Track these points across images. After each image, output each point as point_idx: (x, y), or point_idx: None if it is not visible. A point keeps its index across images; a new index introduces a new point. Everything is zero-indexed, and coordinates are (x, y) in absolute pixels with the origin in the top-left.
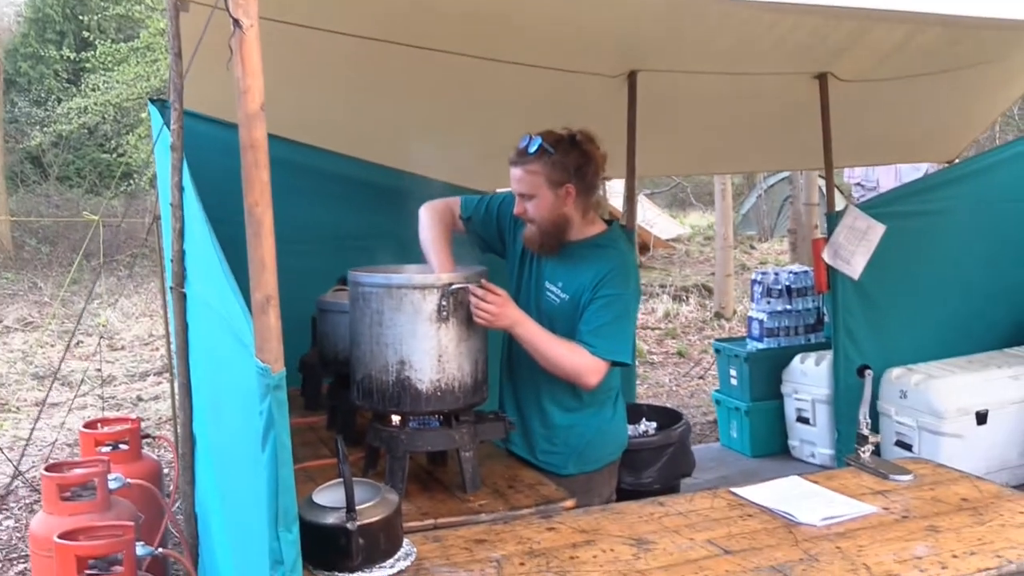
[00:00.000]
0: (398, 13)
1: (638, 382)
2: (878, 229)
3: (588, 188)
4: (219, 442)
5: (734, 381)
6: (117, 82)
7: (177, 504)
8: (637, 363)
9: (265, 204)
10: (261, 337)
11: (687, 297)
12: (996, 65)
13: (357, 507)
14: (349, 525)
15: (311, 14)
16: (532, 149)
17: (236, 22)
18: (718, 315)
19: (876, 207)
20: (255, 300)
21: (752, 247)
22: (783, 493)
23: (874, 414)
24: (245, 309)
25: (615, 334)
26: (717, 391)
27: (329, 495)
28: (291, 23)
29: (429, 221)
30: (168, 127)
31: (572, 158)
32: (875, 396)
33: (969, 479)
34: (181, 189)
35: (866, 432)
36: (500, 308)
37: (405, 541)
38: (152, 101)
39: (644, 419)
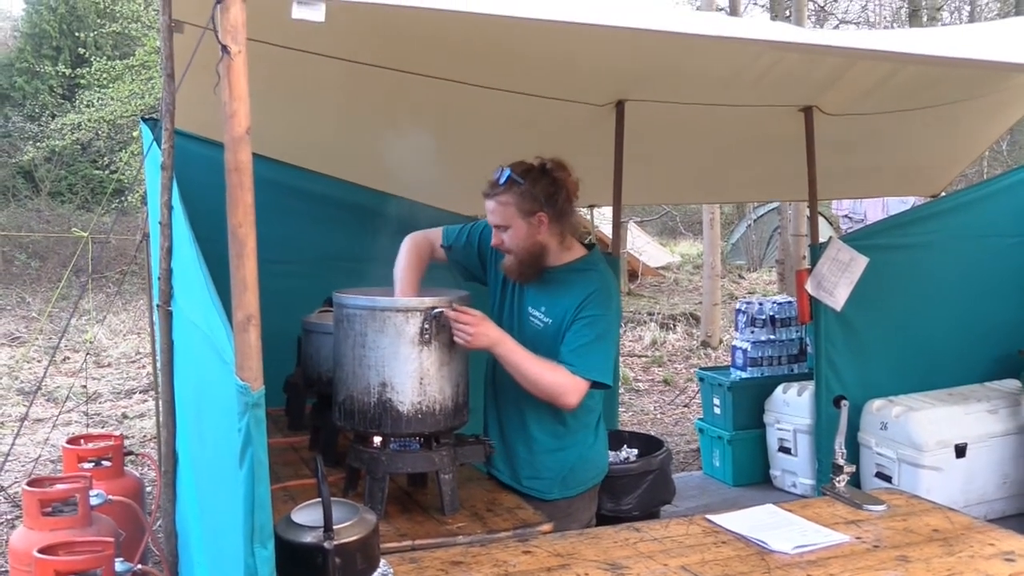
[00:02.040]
0: (389, 38)
1: (623, 409)
2: (861, 261)
3: (561, 214)
4: (200, 460)
5: (717, 410)
6: (112, 99)
7: (158, 522)
8: (622, 390)
9: (248, 225)
10: (241, 355)
11: (674, 325)
12: (980, 101)
13: (335, 526)
14: (326, 544)
15: (303, 37)
16: (502, 180)
17: (224, 48)
18: (704, 344)
19: (859, 239)
20: (236, 319)
21: (741, 276)
22: (758, 521)
23: (855, 445)
24: (227, 327)
25: (596, 354)
26: (700, 419)
27: (307, 514)
28: (284, 46)
29: (404, 252)
30: (159, 146)
31: (542, 187)
32: (856, 427)
33: (942, 510)
34: (170, 208)
35: (841, 462)
36: (476, 327)
37: (382, 561)
38: (144, 119)
39: (626, 445)
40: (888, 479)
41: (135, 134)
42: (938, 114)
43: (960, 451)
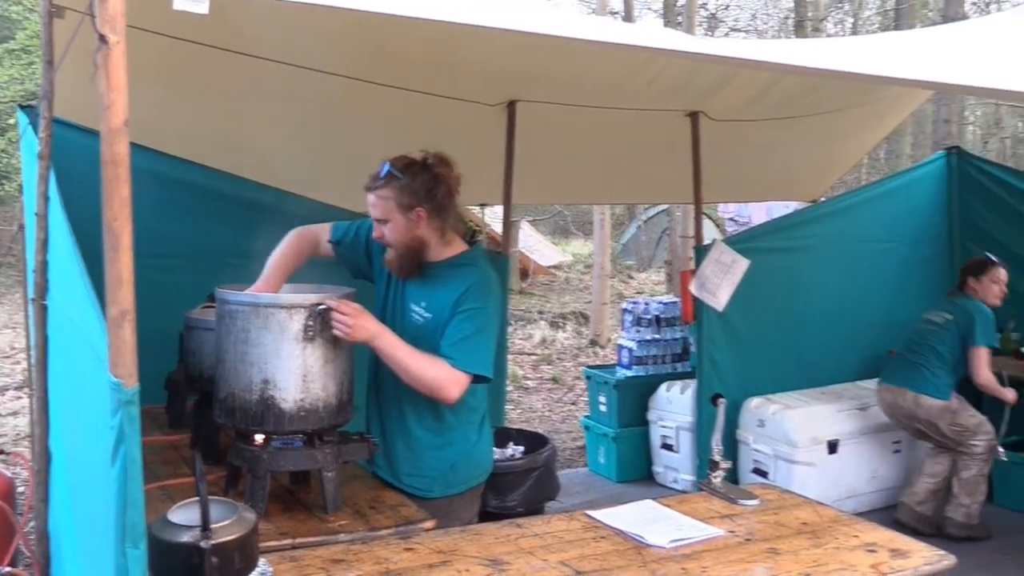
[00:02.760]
0: (279, 31)
1: (511, 407)
2: (742, 263)
3: (440, 210)
4: (74, 459)
5: (603, 407)
6: None
7: (30, 523)
8: (511, 388)
9: (124, 219)
10: (116, 352)
11: (564, 324)
12: (858, 110)
13: (212, 526)
14: (203, 544)
15: (190, 27)
16: (382, 174)
17: (102, 37)
18: (593, 342)
19: (742, 242)
20: (111, 315)
21: (630, 277)
22: (636, 516)
23: (734, 442)
24: (102, 323)
25: (476, 347)
26: (587, 417)
27: (185, 513)
28: (169, 35)
29: (280, 248)
30: (36, 134)
31: (421, 181)
32: (735, 424)
33: (811, 504)
34: (47, 199)
35: (718, 458)
36: (355, 319)
37: (261, 561)
38: (21, 107)
39: (512, 443)
40: (764, 475)
41: (12, 121)
42: (818, 122)
43: (832, 447)
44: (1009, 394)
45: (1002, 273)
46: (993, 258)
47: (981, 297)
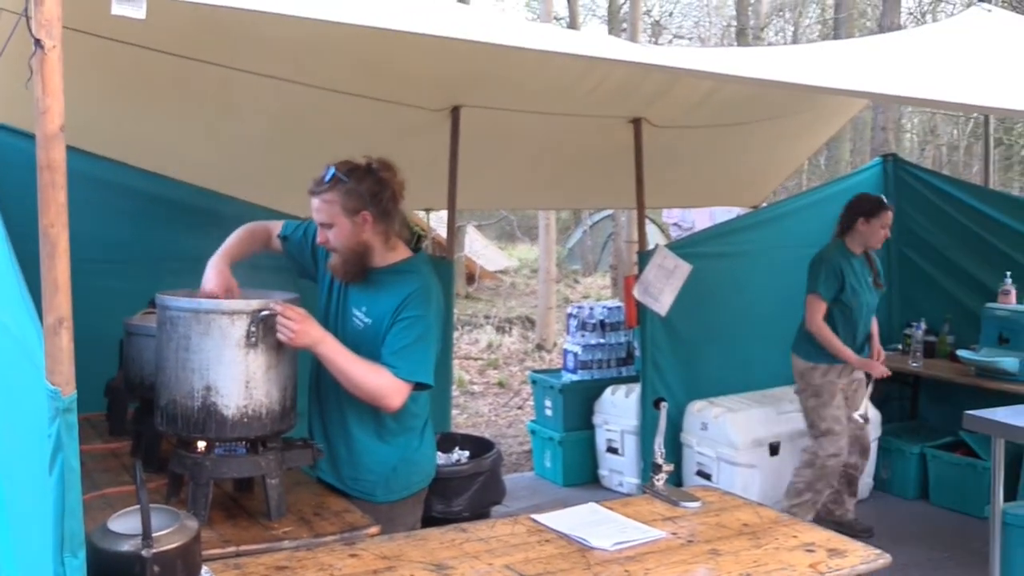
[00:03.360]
0: (219, 34)
1: (458, 411)
2: (685, 268)
3: (385, 214)
4: (9, 468)
5: (549, 412)
6: None
7: None
8: (457, 392)
9: (61, 226)
10: (52, 359)
11: (510, 328)
12: (797, 118)
13: (154, 534)
14: (144, 552)
15: (130, 30)
16: (327, 178)
17: (38, 42)
18: (539, 347)
19: (684, 247)
20: (47, 322)
21: (576, 281)
22: (580, 519)
23: (677, 444)
24: (39, 330)
25: (416, 355)
26: (533, 421)
27: (125, 522)
28: (108, 38)
29: (232, 235)
30: None
31: (366, 185)
32: (679, 427)
33: (751, 506)
34: None
35: (660, 461)
36: (299, 325)
37: (204, 569)
38: None
39: (457, 448)
40: (708, 477)
41: None
42: (759, 128)
43: (774, 449)
44: (847, 353)
45: (890, 216)
46: (885, 200)
47: (865, 240)
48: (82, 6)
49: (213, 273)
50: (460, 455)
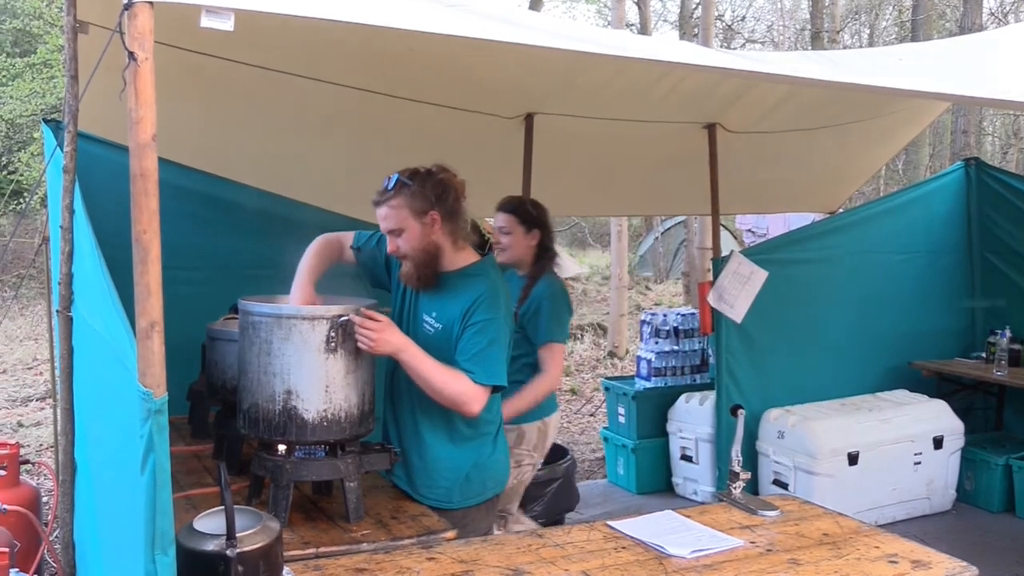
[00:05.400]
0: (301, 46)
1: None
2: (761, 275)
3: (452, 213)
4: (100, 468)
5: (622, 419)
6: (11, 98)
7: (55, 532)
8: None
9: (153, 232)
10: (144, 362)
11: (582, 335)
12: (876, 121)
13: (237, 534)
14: (228, 552)
15: (215, 43)
16: (390, 185)
17: (131, 54)
18: (611, 354)
19: (760, 254)
20: (140, 326)
21: (648, 288)
22: (657, 527)
23: (753, 453)
24: (130, 334)
25: (491, 358)
26: (606, 428)
27: (210, 522)
28: (195, 51)
29: (309, 251)
30: (61, 148)
31: (430, 187)
32: (754, 436)
33: (831, 515)
34: (72, 212)
35: (738, 469)
36: (380, 333)
37: (285, 569)
38: (46, 121)
39: None
40: (784, 486)
41: (35, 135)
42: (836, 133)
43: (853, 459)
44: None
45: None
46: None
47: None
48: (168, 20)
49: (298, 296)
50: None
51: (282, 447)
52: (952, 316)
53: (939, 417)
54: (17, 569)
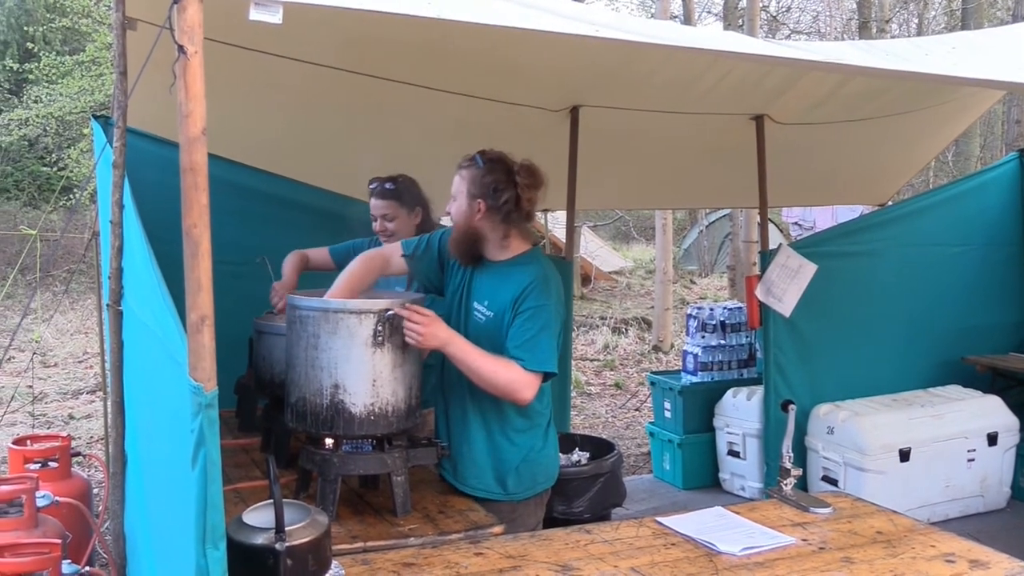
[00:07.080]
0: (348, 40)
1: (575, 412)
2: (809, 268)
3: (499, 210)
4: (150, 461)
5: (668, 414)
6: (60, 95)
7: (106, 523)
8: (574, 393)
9: (203, 226)
10: (195, 356)
11: (626, 329)
12: (926, 112)
13: (286, 528)
14: (277, 546)
15: (262, 38)
16: (471, 157)
17: (181, 48)
18: (656, 348)
19: (808, 247)
20: (190, 320)
21: (692, 282)
22: (706, 523)
23: (802, 449)
24: (180, 328)
25: (541, 346)
26: (651, 423)
27: (259, 516)
28: (242, 46)
29: (350, 266)
30: (111, 144)
31: (491, 178)
32: (803, 431)
33: (885, 513)
34: (121, 207)
35: (788, 465)
36: (427, 327)
37: (334, 563)
38: (95, 117)
39: (577, 448)
40: (834, 482)
41: (85, 131)
42: (886, 124)
43: (904, 455)
44: None
45: None
46: None
47: None
48: (216, 16)
49: (340, 294)
50: (580, 456)
51: (329, 441)
52: (1007, 310)
53: (993, 413)
54: (69, 560)
